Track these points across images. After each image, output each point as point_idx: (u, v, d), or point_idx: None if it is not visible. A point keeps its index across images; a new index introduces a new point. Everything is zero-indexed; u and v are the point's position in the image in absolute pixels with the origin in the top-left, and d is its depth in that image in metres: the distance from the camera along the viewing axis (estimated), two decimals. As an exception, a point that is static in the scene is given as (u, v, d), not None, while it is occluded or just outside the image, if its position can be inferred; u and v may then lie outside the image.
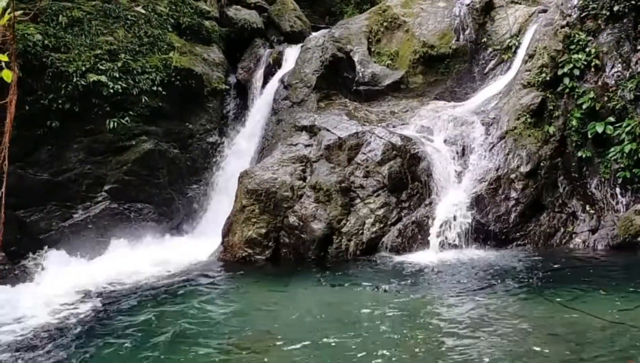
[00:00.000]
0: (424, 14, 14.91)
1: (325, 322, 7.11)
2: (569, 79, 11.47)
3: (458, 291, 8.10)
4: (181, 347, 6.37)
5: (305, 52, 13.67)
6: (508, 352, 5.89)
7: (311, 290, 8.73)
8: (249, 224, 10.50)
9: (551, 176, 11.15)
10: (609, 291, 7.80)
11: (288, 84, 13.44)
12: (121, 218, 11.82)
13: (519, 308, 7.33)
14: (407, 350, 6.04)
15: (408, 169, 11.02)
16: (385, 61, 14.56)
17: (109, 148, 11.78)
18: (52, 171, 11.16)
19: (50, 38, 11.11)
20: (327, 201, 10.65)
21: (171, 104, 12.65)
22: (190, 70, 13.06)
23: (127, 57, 12.06)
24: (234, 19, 15.18)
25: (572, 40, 11.64)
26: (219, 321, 7.28)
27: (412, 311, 7.32)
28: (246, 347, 6.43)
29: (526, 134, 11.33)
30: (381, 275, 9.13)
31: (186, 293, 8.51)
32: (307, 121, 12.10)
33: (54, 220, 11.14)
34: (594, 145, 11.20)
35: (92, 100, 11.42)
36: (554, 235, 10.82)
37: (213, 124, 13.65)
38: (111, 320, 7.44)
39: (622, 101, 10.98)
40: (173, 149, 12.76)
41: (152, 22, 12.96)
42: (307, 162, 11.33)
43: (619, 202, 10.91)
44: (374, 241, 10.49)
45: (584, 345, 6.02)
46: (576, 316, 6.84)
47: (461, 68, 14.15)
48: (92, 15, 12.00)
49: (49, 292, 8.59)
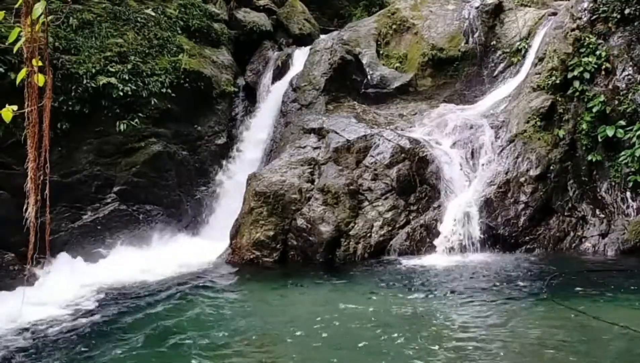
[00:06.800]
0: (432, 16, 14.88)
1: (332, 325, 7.08)
2: (579, 83, 11.40)
3: (466, 295, 8.05)
4: (187, 349, 6.37)
5: (314, 55, 13.68)
6: (518, 357, 5.85)
7: (319, 293, 8.71)
8: (257, 226, 10.51)
9: (561, 180, 11.07)
10: (620, 296, 7.73)
11: (297, 86, 13.46)
12: (130, 219, 11.85)
13: (529, 313, 7.27)
14: (415, 354, 6.01)
15: (416, 172, 10.98)
16: (394, 64, 14.53)
17: (118, 150, 11.83)
18: (62, 173, 11.20)
19: (61, 40, 11.18)
20: (335, 204, 10.64)
21: (180, 106, 12.69)
22: (200, 72, 13.10)
23: (136, 59, 12.12)
24: (243, 22, 15.22)
25: (583, 43, 11.57)
26: (225, 323, 7.27)
27: (421, 315, 7.29)
28: (252, 349, 6.43)
29: (536, 137, 11.27)
30: (389, 279, 9.09)
31: (193, 294, 8.51)
32: (315, 124, 12.10)
33: (63, 221, 11.17)
34: (604, 149, 11.12)
35: (102, 102, 11.48)
36: (564, 239, 10.74)
37: (222, 127, 13.68)
38: (118, 321, 7.46)
39: (632, 104, 10.89)
40: (182, 151, 12.81)
41: (161, 25, 13.01)
42: (315, 164, 11.33)
43: (629, 206, 10.82)
44: (382, 244, 10.46)
45: (595, 351, 5.96)
46: (587, 321, 6.77)
47: (470, 71, 14.11)
48: (102, 18, 12.07)
49: (57, 293, 8.62)
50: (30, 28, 3.39)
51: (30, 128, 3.74)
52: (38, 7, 3.16)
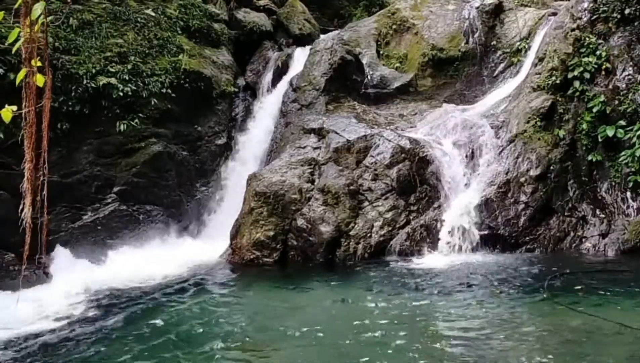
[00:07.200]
0: (433, 16, 14.88)
1: (332, 325, 7.09)
2: (579, 83, 11.39)
3: (467, 295, 8.05)
4: (187, 349, 6.38)
5: (314, 55, 13.68)
6: (518, 358, 5.85)
7: (319, 293, 8.71)
8: (257, 226, 10.51)
9: (561, 180, 11.07)
10: (620, 296, 7.73)
11: (297, 86, 13.46)
12: (130, 219, 11.85)
13: (530, 313, 7.28)
14: (415, 354, 6.00)
15: (417, 173, 10.98)
16: (394, 64, 14.53)
17: (118, 150, 11.83)
18: (62, 173, 11.20)
19: (61, 40, 11.18)
20: (336, 204, 10.64)
21: (180, 107, 12.69)
22: (200, 72, 13.10)
23: (136, 59, 12.12)
24: (243, 22, 15.22)
25: (583, 43, 11.57)
26: (225, 323, 7.27)
27: (421, 315, 7.28)
28: (252, 349, 6.43)
29: (536, 137, 11.27)
30: (390, 279, 9.08)
31: (194, 295, 8.52)
32: (315, 124, 12.10)
33: (63, 222, 11.18)
34: (604, 149, 11.11)
35: (102, 102, 11.48)
36: (564, 239, 10.74)
37: (222, 127, 13.68)
38: (117, 321, 7.45)
39: (633, 104, 10.89)
40: (182, 151, 12.81)
41: (161, 25, 13.01)
42: (315, 165, 11.33)
43: (629, 206, 10.81)
44: (382, 244, 10.46)
45: (596, 351, 5.95)
46: (588, 321, 6.75)
47: (470, 71, 14.10)
48: (102, 18, 12.07)
49: (57, 293, 8.63)
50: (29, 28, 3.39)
51: (28, 128, 3.75)
52: (37, 8, 3.16)
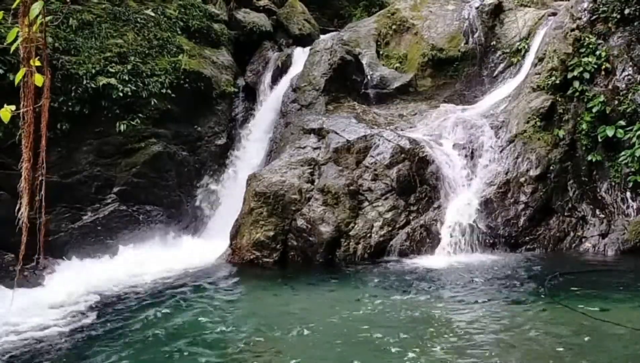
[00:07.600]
0: (432, 17, 14.89)
1: (332, 325, 7.08)
2: (579, 83, 11.40)
3: (466, 295, 8.05)
4: (187, 349, 6.37)
5: (313, 55, 13.67)
6: (518, 358, 5.84)
7: (318, 293, 8.71)
8: (257, 227, 10.51)
9: (561, 180, 11.08)
10: (620, 296, 7.73)
11: (297, 87, 13.45)
12: (130, 220, 11.85)
13: (529, 313, 7.27)
14: (415, 354, 6.00)
15: (416, 173, 10.98)
16: (394, 64, 14.53)
17: (118, 150, 11.83)
18: (62, 173, 11.19)
19: (61, 41, 11.18)
20: (335, 204, 10.63)
21: (180, 107, 12.68)
22: (199, 73, 13.10)
23: (136, 60, 12.11)
24: (242, 22, 15.21)
25: (582, 43, 11.57)
26: (225, 324, 7.26)
27: (421, 315, 7.28)
28: (252, 350, 6.42)
29: (536, 137, 11.27)
30: (389, 279, 9.09)
31: (193, 295, 8.51)
32: (315, 124, 12.09)
33: (63, 222, 11.17)
34: (604, 149, 11.12)
35: (101, 102, 11.47)
36: (564, 239, 10.74)
37: (221, 127, 13.67)
38: (117, 321, 7.44)
39: (632, 104, 10.90)
40: (182, 151, 12.80)
41: (161, 25, 13.01)
42: (315, 165, 11.33)
43: (629, 206, 10.82)
44: (382, 244, 10.46)
45: (596, 351, 5.95)
46: (587, 321, 6.77)
47: (470, 71, 14.11)
48: (102, 18, 12.06)
49: (56, 294, 8.61)
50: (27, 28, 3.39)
51: (26, 128, 3.74)
52: (35, 8, 3.15)
